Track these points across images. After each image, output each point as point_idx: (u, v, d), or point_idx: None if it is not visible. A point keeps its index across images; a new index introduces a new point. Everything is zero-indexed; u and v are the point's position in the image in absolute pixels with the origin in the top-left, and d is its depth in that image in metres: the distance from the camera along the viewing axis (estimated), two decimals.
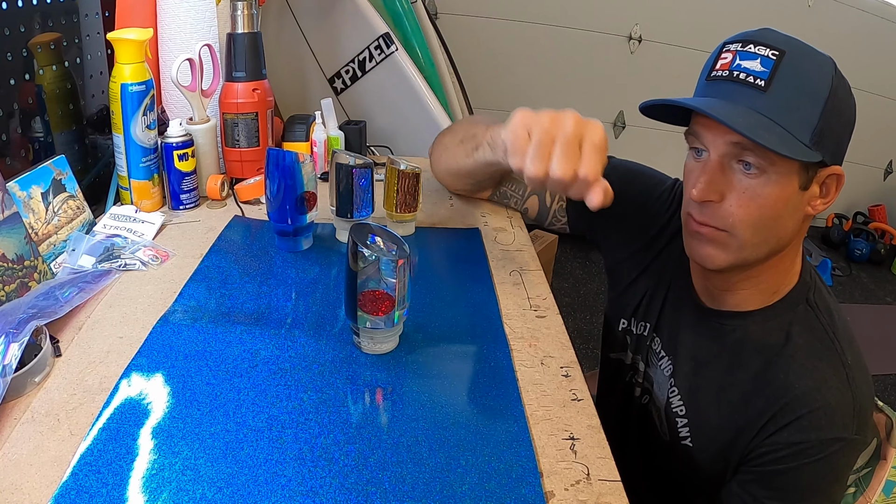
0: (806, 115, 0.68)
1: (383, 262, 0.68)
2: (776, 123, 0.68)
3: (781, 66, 0.68)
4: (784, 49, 0.69)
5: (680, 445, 0.86)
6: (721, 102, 0.70)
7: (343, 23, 1.57)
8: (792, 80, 0.68)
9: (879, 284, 3.09)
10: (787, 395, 0.73)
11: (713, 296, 0.84)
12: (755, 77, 0.69)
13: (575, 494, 0.58)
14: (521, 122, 0.73)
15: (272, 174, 0.89)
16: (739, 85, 0.70)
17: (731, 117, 0.67)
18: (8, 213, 0.74)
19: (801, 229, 0.76)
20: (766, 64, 0.69)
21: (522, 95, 2.95)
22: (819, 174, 0.72)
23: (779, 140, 0.67)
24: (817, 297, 0.78)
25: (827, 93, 0.68)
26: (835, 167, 0.72)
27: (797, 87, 0.69)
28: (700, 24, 2.86)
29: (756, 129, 0.67)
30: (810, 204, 0.73)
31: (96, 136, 1.10)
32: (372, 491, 0.56)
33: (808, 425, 0.71)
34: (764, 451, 0.75)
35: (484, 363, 0.74)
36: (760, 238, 0.73)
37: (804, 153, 0.68)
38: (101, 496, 0.53)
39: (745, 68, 0.70)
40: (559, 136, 0.69)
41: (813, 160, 0.69)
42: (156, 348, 0.71)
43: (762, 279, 0.78)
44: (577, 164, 0.68)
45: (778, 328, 0.77)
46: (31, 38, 0.91)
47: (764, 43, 0.70)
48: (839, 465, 0.73)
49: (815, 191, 0.73)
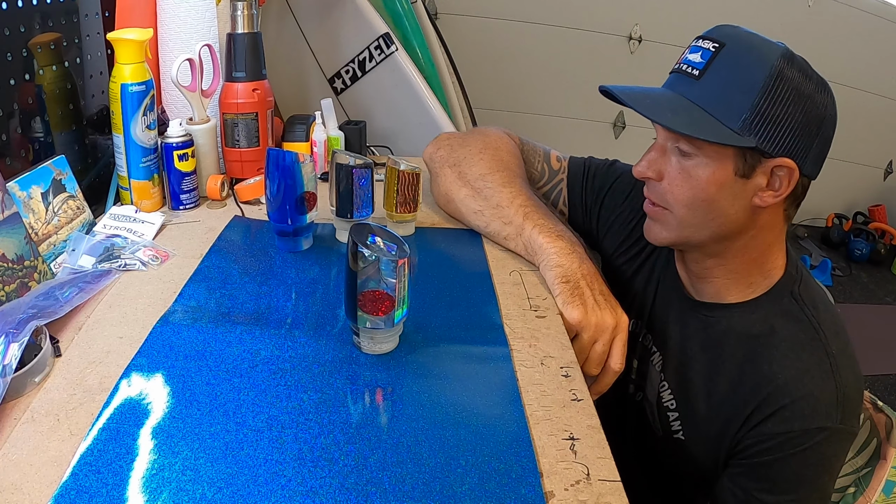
0: (735, 102, 0.71)
1: (383, 262, 0.68)
2: (703, 110, 0.73)
3: (718, 57, 0.73)
4: (725, 42, 0.73)
5: (673, 440, 0.87)
6: (660, 94, 0.76)
7: (343, 23, 1.57)
8: (724, 69, 0.72)
9: (879, 284, 3.08)
10: (769, 385, 0.74)
11: (694, 285, 0.86)
12: (692, 67, 0.75)
13: (575, 494, 0.58)
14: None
15: (272, 174, 0.89)
16: (681, 75, 0.76)
17: (654, 108, 0.74)
18: (8, 213, 0.74)
19: (761, 222, 0.77)
20: (704, 56, 0.74)
21: (522, 95, 2.95)
22: (764, 164, 0.73)
23: (693, 123, 0.71)
24: (802, 289, 0.79)
25: (762, 82, 0.70)
26: (783, 159, 0.72)
27: (728, 76, 0.72)
28: (700, 24, 2.84)
29: (668, 114, 0.73)
30: (757, 194, 0.74)
31: (96, 136, 1.09)
32: (372, 491, 0.56)
33: (790, 415, 0.72)
34: (750, 442, 0.76)
35: (484, 363, 0.74)
36: (698, 219, 0.77)
37: (727, 137, 0.71)
38: (101, 496, 0.53)
39: (688, 60, 0.76)
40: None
41: (741, 144, 0.71)
42: (156, 348, 0.71)
43: (732, 267, 0.80)
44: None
45: (762, 320, 0.79)
46: (31, 38, 0.91)
47: (710, 37, 0.75)
48: (826, 454, 0.74)
49: (759, 181, 0.74)
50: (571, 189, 1.02)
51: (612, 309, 0.84)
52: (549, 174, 1.04)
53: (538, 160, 1.05)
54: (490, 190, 0.96)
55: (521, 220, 0.92)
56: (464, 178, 0.99)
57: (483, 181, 0.97)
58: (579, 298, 0.84)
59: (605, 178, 1.00)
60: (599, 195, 1.00)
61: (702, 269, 0.83)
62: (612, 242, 0.99)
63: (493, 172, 0.97)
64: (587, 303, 0.84)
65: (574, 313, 0.83)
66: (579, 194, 1.01)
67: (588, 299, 0.84)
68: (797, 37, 2.90)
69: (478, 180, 0.97)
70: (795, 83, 0.71)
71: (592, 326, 0.82)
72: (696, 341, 0.85)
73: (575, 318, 0.82)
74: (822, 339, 0.75)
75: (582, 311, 0.83)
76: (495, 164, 0.98)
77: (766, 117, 0.71)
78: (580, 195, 1.01)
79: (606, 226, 0.99)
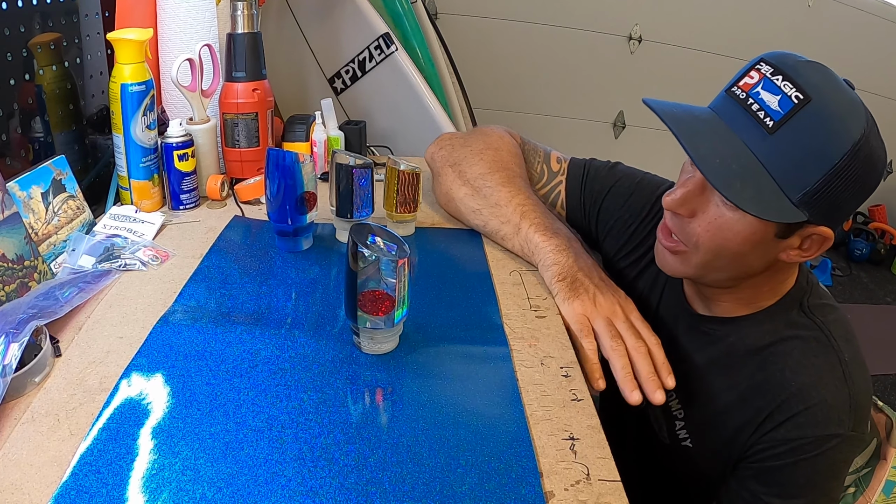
0: (805, 174, 0.65)
1: (383, 262, 0.68)
2: (767, 172, 0.65)
3: (800, 112, 0.63)
4: (812, 95, 0.63)
5: (680, 447, 0.86)
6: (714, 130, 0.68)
7: (343, 23, 1.57)
8: (805, 131, 0.63)
9: (879, 284, 3.08)
10: (784, 392, 0.73)
11: (702, 303, 0.85)
12: (767, 114, 0.65)
13: (575, 494, 0.58)
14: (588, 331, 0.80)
15: (272, 174, 0.89)
16: (748, 116, 0.66)
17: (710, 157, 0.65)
18: (8, 213, 0.74)
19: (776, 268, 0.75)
20: (784, 105, 0.64)
21: (522, 95, 2.95)
22: (804, 229, 0.69)
23: (754, 194, 0.64)
24: (812, 299, 0.79)
25: (840, 156, 0.64)
26: (823, 228, 0.68)
27: (807, 141, 0.64)
28: (700, 24, 2.85)
29: (730, 177, 0.64)
30: (785, 252, 0.71)
31: (96, 136, 1.10)
32: (372, 491, 0.56)
33: (804, 422, 0.72)
34: (761, 447, 0.75)
35: (484, 363, 0.74)
36: (719, 266, 0.73)
37: (782, 212, 0.65)
38: (101, 496, 0.53)
39: (761, 99, 0.65)
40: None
41: (794, 220, 0.66)
42: (156, 348, 0.71)
43: (741, 296, 0.79)
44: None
45: (772, 331, 0.78)
46: (31, 38, 0.91)
47: (795, 81, 0.64)
48: (836, 461, 0.73)
49: (793, 242, 0.70)
50: (570, 192, 1.01)
51: (615, 292, 0.83)
52: (548, 175, 1.04)
53: (538, 161, 1.05)
54: (489, 189, 0.96)
55: (517, 218, 0.92)
56: (463, 177, 0.99)
57: (482, 180, 0.97)
58: (579, 291, 0.83)
59: (605, 180, 0.98)
60: (598, 198, 0.98)
61: (710, 292, 0.82)
62: (612, 246, 0.98)
63: (493, 172, 0.97)
64: (588, 291, 0.82)
65: (577, 306, 0.81)
66: (577, 197, 1.01)
67: (589, 288, 0.83)
68: (797, 37, 2.88)
69: (477, 179, 0.98)
70: (868, 160, 0.65)
71: (603, 309, 0.80)
72: (704, 353, 0.84)
73: (579, 310, 0.81)
74: (834, 346, 0.74)
75: (585, 300, 0.81)
76: (495, 164, 0.98)
77: (828, 196, 0.65)
78: (578, 198, 1.01)
79: (606, 229, 0.98)
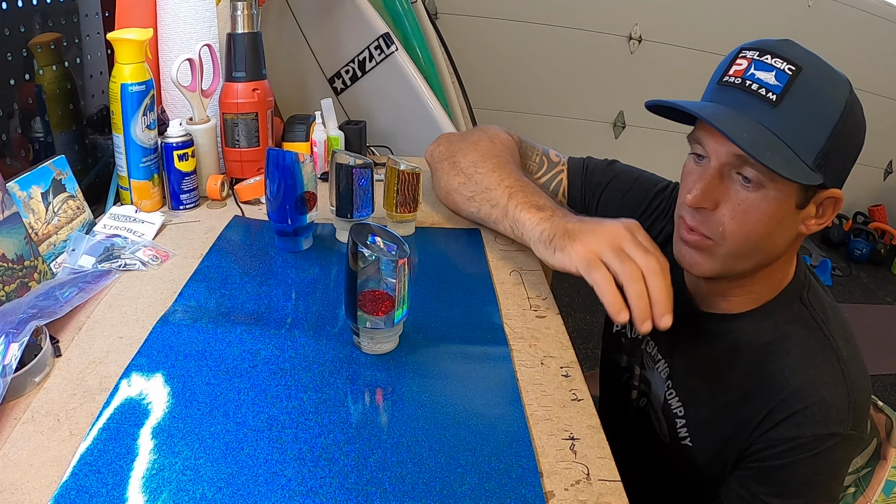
0: (813, 137, 0.68)
1: (383, 262, 0.68)
2: (782, 141, 0.67)
3: (796, 82, 0.67)
4: (802, 65, 0.67)
5: (680, 446, 0.86)
6: (728, 112, 0.69)
7: (343, 23, 1.57)
8: (804, 98, 0.67)
9: (879, 284, 3.08)
10: (782, 391, 0.74)
11: (705, 300, 0.84)
12: (767, 90, 0.68)
13: (575, 494, 0.58)
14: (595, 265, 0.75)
15: (272, 174, 0.89)
16: (750, 95, 0.69)
17: (737, 131, 0.66)
18: (8, 213, 0.74)
19: (793, 245, 0.76)
20: (780, 78, 0.67)
21: (522, 95, 2.95)
22: (818, 195, 0.71)
23: (782, 160, 0.66)
24: (811, 295, 0.79)
25: (838, 116, 0.67)
26: (834, 190, 0.71)
27: (809, 106, 0.67)
28: (700, 24, 2.85)
29: (761, 147, 0.66)
30: (804, 223, 0.73)
31: (96, 136, 1.09)
32: (372, 491, 0.56)
33: (803, 421, 0.72)
34: (761, 446, 0.75)
35: (484, 363, 0.74)
36: (748, 251, 0.73)
37: (806, 175, 0.67)
38: (101, 496, 0.53)
39: (758, 79, 0.68)
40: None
41: (814, 183, 0.68)
42: (156, 348, 0.71)
43: (753, 288, 0.79)
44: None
45: (772, 327, 0.78)
46: (31, 38, 0.91)
47: (782, 56, 0.68)
48: (836, 460, 0.73)
49: (810, 210, 0.72)
50: (571, 182, 1.03)
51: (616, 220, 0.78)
52: (548, 165, 1.05)
53: (536, 154, 1.06)
54: (480, 175, 0.96)
55: (505, 200, 0.91)
56: (457, 167, 1.01)
57: (475, 167, 0.98)
58: (575, 235, 0.78)
59: (604, 175, 1.00)
60: (597, 191, 1.00)
61: (718, 289, 0.81)
62: None
63: (486, 160, 0.97)
64: (585, 231, 0.78)
65: (577, 247, 0.76)
66: (579, 188, 1.02)
67: (584, 229, 0.78)
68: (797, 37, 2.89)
69: (469, 167, 0.99)
70: (858, 113, 0.69)
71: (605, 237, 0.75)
72: (705, 350, 0.84)
73: (580, 249, 0.76)
74: (833, 345, 0.74)
75: (585, 239, 0.77)
76: (488, 153, 0.99)
77: (835, 156, 0.68)
78: (580, 188, 1.02)
79: None
